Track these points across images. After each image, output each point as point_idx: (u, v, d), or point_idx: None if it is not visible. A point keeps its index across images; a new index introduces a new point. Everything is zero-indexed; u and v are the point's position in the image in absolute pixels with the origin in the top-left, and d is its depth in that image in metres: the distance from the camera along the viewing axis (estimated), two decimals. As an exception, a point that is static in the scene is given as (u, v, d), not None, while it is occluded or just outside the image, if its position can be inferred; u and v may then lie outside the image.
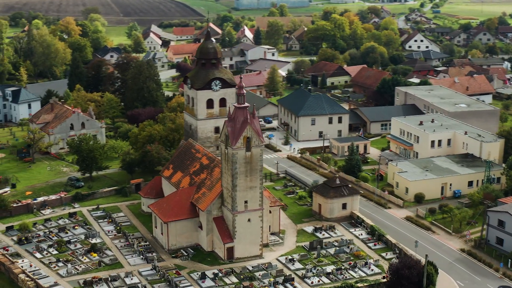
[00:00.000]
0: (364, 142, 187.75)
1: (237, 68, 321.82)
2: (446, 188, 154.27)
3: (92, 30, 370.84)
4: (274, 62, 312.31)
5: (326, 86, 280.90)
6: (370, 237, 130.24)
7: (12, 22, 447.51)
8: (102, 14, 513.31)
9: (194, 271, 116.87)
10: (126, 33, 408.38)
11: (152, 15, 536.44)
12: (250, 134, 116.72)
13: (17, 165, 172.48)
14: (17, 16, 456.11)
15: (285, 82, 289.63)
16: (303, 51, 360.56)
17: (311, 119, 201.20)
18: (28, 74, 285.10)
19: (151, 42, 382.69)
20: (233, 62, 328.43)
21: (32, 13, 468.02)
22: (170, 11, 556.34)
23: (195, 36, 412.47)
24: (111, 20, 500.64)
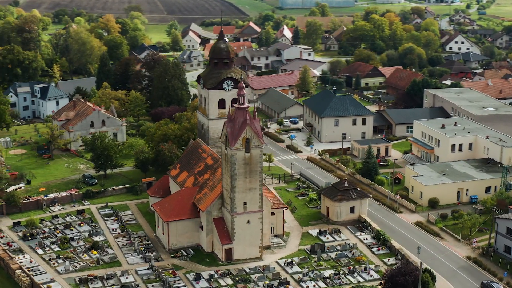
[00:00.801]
0: (385, 145, 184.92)
1: (273, 68, 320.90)
2: (462, 193, 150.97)
3: (131, 28, 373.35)
4: (310, 62, 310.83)
5: (360, 87, 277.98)
6: (374, 242, 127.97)
7: (55, 19, 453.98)
8: (146, 12, 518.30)
9: (190, 271, 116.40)
10: (166, 31, 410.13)
11: (196, 13, 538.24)
12: (250, 135, 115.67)
13: (36, 161, 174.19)
14: (61, 13, 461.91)
15: (319, 82, 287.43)
16: (341, 52, 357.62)
17: (334, 120, 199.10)
18: (64, 71, 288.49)
19: (189, 41, 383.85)
20: (269, 61, 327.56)
21: (75, 10, 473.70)
22: (215, 9, 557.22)
23: (235, 35, 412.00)
24: (155, 18, 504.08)
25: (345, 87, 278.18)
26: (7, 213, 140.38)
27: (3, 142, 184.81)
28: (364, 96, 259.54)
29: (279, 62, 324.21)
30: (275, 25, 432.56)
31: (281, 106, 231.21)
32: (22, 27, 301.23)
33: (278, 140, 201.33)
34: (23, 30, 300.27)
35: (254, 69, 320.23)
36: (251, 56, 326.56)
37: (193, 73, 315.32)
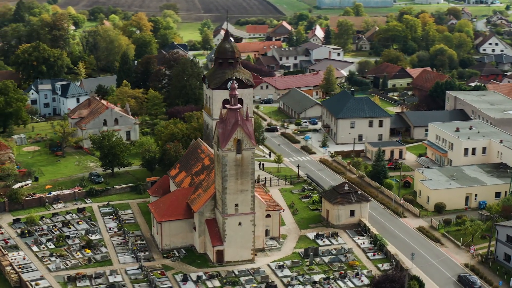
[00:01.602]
0: (399, 147, 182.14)
1: (301, 68, 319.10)
2: (471, 198, 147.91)
3: (163, 26, 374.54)
4: (338, 63, 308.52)
5: (387, 88, 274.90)
6: (371, 247, 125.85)
7: (91, 17, 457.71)
8: (183, 10, 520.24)
9: (180, 272, 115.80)
10: (199, 30, 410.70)
11: (233, 12, 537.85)
12: (241, 136, 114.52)
13: (47, 158, 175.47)
14: (96, 10, 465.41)
15: (346, 83, 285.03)
16: (372, 52, 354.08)
17: (350, 121, 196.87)
18: (92, 68, 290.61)
19: (220, 40, 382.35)
20: (297, 61, 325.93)
21: (111, 8, 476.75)
22: (252, 8, 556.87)
23: (267, 34, 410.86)
24: (191, 16, 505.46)
25: (371, 88, 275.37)
26: (10, 210, 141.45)
27: (17, 139, 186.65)
28: (388, 98, 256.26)
29: (308, 62, 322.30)
30: (309, 24, 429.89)
31: (301, 106, 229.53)
32: (52, 24, 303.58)
33: (294, 141, 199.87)
34: (53, 28, 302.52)
35: (282, 69, 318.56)
36: (279, 55, 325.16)
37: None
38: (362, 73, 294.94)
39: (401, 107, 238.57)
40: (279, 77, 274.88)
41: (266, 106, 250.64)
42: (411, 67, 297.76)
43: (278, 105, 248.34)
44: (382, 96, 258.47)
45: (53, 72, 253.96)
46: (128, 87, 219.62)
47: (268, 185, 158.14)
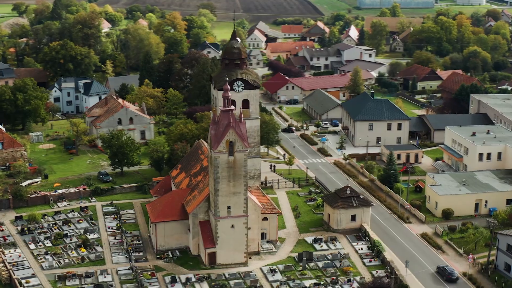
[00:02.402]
0: (415, 151, 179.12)
1: (332, 68, 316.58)
2: (481, 205, 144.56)
3: (198, 25, 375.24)
4: (369, 64, 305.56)
5: (416, 90, 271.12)
6: (368, 253, 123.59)
7: (129, 15, 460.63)
8: (222, 10, 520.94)
9: (171, 274, 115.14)
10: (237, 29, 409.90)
11: (272, 11, 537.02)
12: (233, 138, 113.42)
13: (61, 156, 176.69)
14: (134, 9, 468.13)
15: (376, 84, 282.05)
16: (406, 53, 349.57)
17: (368, 124, 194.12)
18: (122, 67, 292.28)
19: (254, 39, 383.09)
20: (328, 62, 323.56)
21: (149, 7, 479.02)
22: (292, 8, 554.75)
23: (302, 34, 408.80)
24: (229, 16, 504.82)
25: (400, 90, 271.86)
26: (14, 207, 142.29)
27: (34, 137, 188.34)
28: (415, 100, 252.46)
29: (339, 63, 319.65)
30: (345, 25, 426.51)
31: (323, 108, 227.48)
32: (83, 22, 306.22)
33: (312, 142, 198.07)
34: (84, 26, 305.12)
35: (313, 69, 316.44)
36: (310, 56, 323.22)
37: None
38: (392, 75, 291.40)
39: (426, 109, 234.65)
40: (305, 78, 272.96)
41: (290, 107, 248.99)
42: (443, 69, 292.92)
43: (302, 106, 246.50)
44: (408, 99, 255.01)
45: (80, 70, 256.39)
46: (150, 86, 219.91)
47: (276, 187, 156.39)
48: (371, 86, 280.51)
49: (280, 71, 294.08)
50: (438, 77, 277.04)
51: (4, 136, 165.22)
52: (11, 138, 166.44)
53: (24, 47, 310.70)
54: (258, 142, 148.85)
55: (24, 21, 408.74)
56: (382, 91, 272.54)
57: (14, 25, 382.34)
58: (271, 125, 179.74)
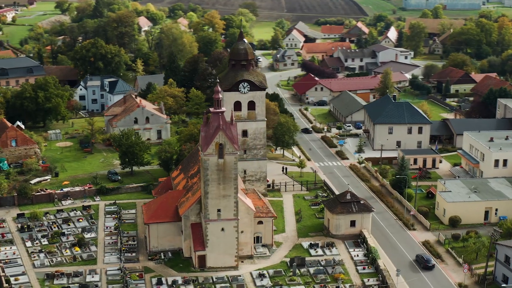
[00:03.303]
0: (433, 156, 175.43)
1: (367, 70, 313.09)
2: (491, 213, 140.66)
3: (236, 25, 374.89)
4: (404, 66, 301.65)
5: (449, 94, 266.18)
6: (363, 260, 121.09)
7: (171, 14, 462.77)
8: (266, 9, 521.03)
9: (160, 275, 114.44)
10: (274, 29, 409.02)
11: (316, 11, 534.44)
12: (223, 141, 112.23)
13: (75, 154, 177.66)
14: (176, 8, 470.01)
15: (409, 87, 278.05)
16: (444, 56, 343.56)
17: (388, 127, 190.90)
18: (155, 66, 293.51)
19: (292, 39, 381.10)
20: (363, 63, 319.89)
21: (191, 6, 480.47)
22: (337, 8, 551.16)
23: (341, 35, 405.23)
24: (272, 15, 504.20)
25: (432, 93, 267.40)
26: (19, 204, 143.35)
27: (52, 134, 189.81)
28: (444, 103, 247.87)
29: (374, 64, 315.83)
30: (385, 26, 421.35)
31: (348, 110, 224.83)
32: (118, 21, 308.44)
33: (332, 145, 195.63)
34: (119, 24, 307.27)
35: (347, 71, 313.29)
36: (345, 57, 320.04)
37: (285, 72, 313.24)
38: (427, 77, 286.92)
39: (454, 113, 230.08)
40: (334, 79, 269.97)
41: (317, 108, 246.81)
42: (478, 72, 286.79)
43: (329, 108, 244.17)
44: (439, 102, 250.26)
45: (110, 68, 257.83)
46: (174, 86, 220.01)
47: (283, 189, 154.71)
48: (404, 88, 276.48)
49: (313, 72, 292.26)
50: (472, 80, 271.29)
51: (17, 134, 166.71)
52: (24, 136, 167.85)
53: (60, 45, 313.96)
54: (264, 144, 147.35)
55: (66, 19, 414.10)
56: (415, 93, 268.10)
57: (55, 23, 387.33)
58: (287, 127, 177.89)
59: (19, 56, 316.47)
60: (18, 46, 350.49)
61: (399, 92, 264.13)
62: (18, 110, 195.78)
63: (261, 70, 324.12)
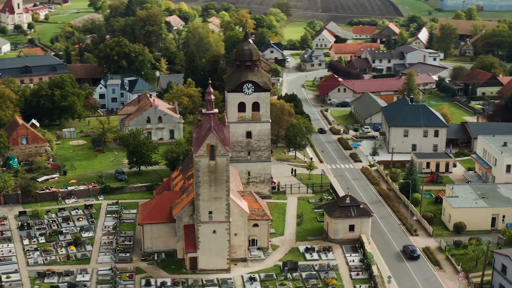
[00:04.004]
0: (447, 160, 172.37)
1: (394, 71, 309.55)
2: (498, 219, 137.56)
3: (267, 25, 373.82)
4: (432, 67, 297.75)
5: (475, 96, 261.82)
6: (358, 265, 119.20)
7: (204, 12, 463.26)
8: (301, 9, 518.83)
9: (150, 277, 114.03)
10: (305, 29, 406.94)
11: (352, 11, 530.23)
12: (215, 142, 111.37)
13: (87, 153, 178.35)
14: (210, 7, 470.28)
15: (435, 89, 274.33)
16: (475, 58, 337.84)
17: (403, 130, 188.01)
18: (181, 65, 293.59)
19: (322, 40, 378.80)
20: (391, 64, 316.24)
21: (225, 5, 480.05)
22: (373, 8, 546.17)
23: (372, 35, 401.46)
24: (306, 15, 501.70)
25: (458, 95, 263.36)
26: (22, 202, 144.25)
27: (67, 132, 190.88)
28: (469, 106, 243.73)
29: (402, 65, 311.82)
30: (418, 27, 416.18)
31: (368, 111, 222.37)
32: (146, 19, 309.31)
33: (347, 147, 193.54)
34: (146, 23, 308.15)
35: (375, 72, 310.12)
36: (372, 58, 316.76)
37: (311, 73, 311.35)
38: (454, 79, 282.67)
39: (477, 116, 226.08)
40: (357, 80, 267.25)
41: (339, 109, 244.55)
42: (507, 75, 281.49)
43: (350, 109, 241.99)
44: (463, 105, 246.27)
45: (134, 67, 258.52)
46: (193, 85, 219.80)
47: (289, 192, 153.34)
48: (430, 90, 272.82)
49: (340, 72, 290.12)
50: (499, 82, 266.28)
51: (28, 132, 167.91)
52: (35, 134, 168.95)
53: (88, 43, 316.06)
54: (268, 146, 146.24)
55: (99, 17, 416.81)
56: (440, 95, 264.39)
57: (88, 21, 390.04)
58: (299, 129, 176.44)
59: (49, 53, 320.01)
60: (49, 43, 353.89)
61: (424, 94, 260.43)
62: (34, 108, 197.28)
63: (289, 70, 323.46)
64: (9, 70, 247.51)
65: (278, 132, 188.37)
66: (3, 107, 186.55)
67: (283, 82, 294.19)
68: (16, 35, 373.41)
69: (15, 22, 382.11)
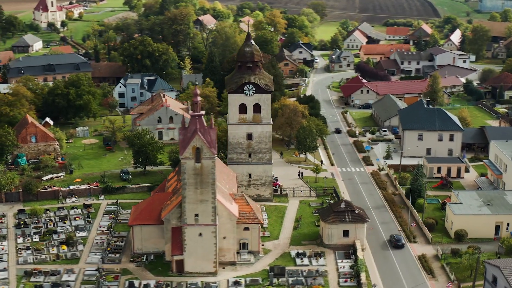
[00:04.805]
0: (459, 165, 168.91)
1: (423, 73, 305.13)
2: (502, 228, 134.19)
3: (299, 25, 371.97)
4: (461, 70, 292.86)
5: (503, 100, 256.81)
6: (347, 272, 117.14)
7: (239, 12, 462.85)
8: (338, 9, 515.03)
9: (135, 278, 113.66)
10: (337, 29, 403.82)
11: (389, 12, 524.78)
12: (200, 144, 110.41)
13: (97, 152, 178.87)
14: (245, 6, 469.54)
15: (463, 92, 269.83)
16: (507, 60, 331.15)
17: (418, 134, 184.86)
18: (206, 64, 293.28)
19: (353, 40, 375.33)
20: (420, 66, 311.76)
21: (260, 4, 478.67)
22: (411, 9, 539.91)
23: (406, 37, 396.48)
24: (342, 15, 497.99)
25: (486, 98, 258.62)
26: (24, 200, 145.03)
27: (80, 131, 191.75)
28: (493, 110, 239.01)
29: (431, 67, 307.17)
30: (452, 28, 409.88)
31: (387, 114, 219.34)
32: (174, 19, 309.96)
33: (361, 150, 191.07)
34: (174, 22, 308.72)
35: (403, 73, 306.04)
36: (401, 59, 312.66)
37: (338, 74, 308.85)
38: (483, 82, 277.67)
39: (499, 120, 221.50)
40: (381, 82, 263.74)
41: (360, 111, 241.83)
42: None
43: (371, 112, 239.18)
44: (487, 108, 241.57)
45: (158, 66, 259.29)
46: (211, 86, 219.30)
47: (291, 195, 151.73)
48: (457, 93, 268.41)
49: (367, 74, 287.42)
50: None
51: (37, 130, 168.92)
52: (44, 132, 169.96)
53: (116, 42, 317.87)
54: (269, 148, 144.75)
55: (134, 16, 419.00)
56: (467, 98, 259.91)
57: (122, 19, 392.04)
58: (309, 131, 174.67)
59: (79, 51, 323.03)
60: (81, 42, 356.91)
61: (449, 97, 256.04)
62: (50, 106, 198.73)
63: (316, 71, 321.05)
64: (33, 68, 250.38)
65: (290, 134, 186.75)
66: (17, 105, 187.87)
67: (309, 83, 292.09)
68: (49, 33, 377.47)
69: (49, 20, 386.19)
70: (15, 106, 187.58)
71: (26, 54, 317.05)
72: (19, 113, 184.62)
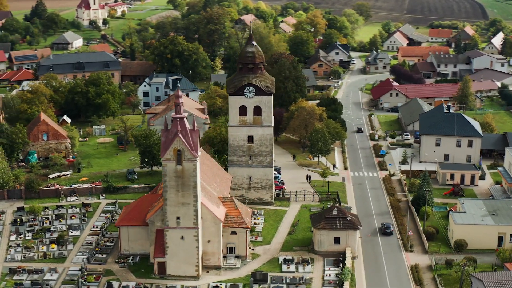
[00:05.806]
0: (473, 172, 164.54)
1: (460, 77, 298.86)
2: (505, 238, 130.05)
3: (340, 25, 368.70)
4: (498, 74, 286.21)
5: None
6: (332, 280, 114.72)
7: (283, 11, 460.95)
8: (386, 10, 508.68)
9: (117, 279, 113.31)
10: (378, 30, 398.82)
11: (438, 14, 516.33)
12: (181, 147, 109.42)
13: (109, 151, 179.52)
14: (289, 6, 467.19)
15: (497, 96, 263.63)
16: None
17: (435, 139, 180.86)
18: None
19: (393, 42, 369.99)
20: (457, 69, 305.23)
21: (305, 4, 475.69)
22: (460, 11, 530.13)
23: (448, 39, 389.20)
24: (388, 16, 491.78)
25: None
26: (26, 198, 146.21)
27: (97, 130, 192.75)
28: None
29: (468, 71, 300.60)
30: (496, 31, 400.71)
31: (411, 118, 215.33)
32: (209, 18, 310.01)
33: (379, 154, 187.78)
34: (210, 21, 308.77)
35: (439, 76, 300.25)
36: (437, 62, 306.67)
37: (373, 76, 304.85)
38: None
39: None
40: (411, 85, 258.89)
41: (387, 114, 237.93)
42: None
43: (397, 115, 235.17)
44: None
45: (188, 66, 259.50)
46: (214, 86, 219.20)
47: (293, 199, 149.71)
48: (492, 97, 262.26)
49: (402, 76, 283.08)
50: None
51: (48, 128, 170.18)
52: (56, 130, 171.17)
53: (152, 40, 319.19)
54: (270, 151, 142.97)
55: (177, 14, 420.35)
56: (501, 103, 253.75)
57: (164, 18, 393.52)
58: (321, 134, 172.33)
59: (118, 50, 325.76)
60: (120, 40, 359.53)
61: (482, 101, 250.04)
62: (70, 104, 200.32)
63: (352, 72, 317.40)
64: (63, 66, 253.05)
65: (305, 136, 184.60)
66: (36, 103, 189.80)
67: (342, 85, 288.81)
68: (90, 30, 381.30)
69: (90, 17, 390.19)
70: (34, 103, 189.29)
71: (65, 51, 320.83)
72: (37, 110, 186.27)
